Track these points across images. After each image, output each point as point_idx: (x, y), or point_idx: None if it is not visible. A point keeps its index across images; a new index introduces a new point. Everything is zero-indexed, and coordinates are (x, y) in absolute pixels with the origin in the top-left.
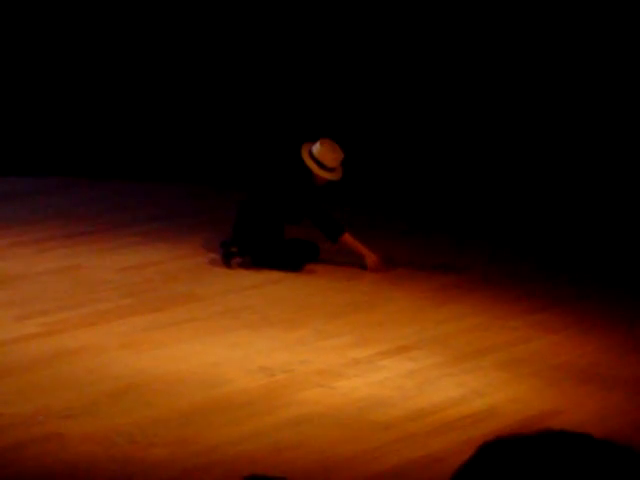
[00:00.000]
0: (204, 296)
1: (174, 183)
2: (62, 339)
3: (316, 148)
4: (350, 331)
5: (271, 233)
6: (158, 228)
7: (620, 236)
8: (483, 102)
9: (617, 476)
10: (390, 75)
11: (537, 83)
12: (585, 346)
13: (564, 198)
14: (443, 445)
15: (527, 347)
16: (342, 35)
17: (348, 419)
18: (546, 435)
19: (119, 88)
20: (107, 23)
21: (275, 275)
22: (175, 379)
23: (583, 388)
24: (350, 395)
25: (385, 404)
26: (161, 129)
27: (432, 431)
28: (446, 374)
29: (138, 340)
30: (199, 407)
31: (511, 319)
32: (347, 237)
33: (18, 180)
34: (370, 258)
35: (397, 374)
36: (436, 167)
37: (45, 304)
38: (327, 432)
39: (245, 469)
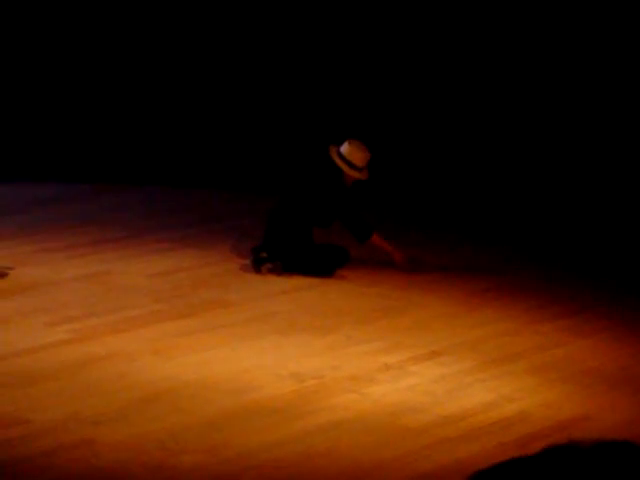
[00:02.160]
0: (234, 302)
1: (204, 189)
2: (92, 345)
3: (345, 148)
4: (381, 337)
5: (301, 238)
6: (188, 234)
7: None
8: (497, 107)
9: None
10: (405, 79)
11: (540, 84)
12: (615, 351)
13: (594, 204)
14: (474, 450)
15: (557, 352)
16: (363, 41)
17: (379, 425)
18: (598, 445)
19: (149, 96)
20: (123, 32)
21: (305, 281)
22: (205, 385)
23: (613, 393)
24: (381, 401)
25: (416, 410)
26: (191, 135)
27: (463, 436)
28: (476, 379)
29: (168, 346)
30: (229, 413)
31: (541, 324)
32: (375, 238)
33: (48, 186)
34: (397, 256)
35: (428, 379)
36: (462, 171)
37: (74, 310)
38: (357, 438)
39: (275, 476)
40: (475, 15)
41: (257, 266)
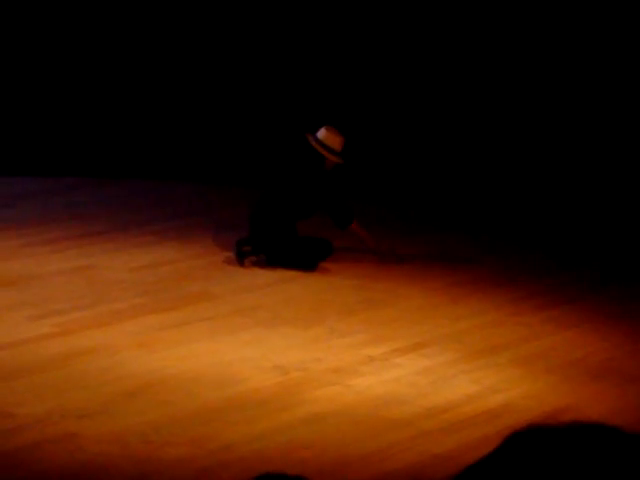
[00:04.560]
0: (218, 295)
1: (187, 182)
2: (76, 339)
3: (323, 134)
4: (364, 329)
5: (285, 231)
6: (171, 227)
7: (635, 231)
8: (494, 97)
9: None
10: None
11: (542, 77)
12: (599, 342)
13: (578, 194)
14: (458, 442)
15: (541, 343)
16: (343, 34)
17: (363, 417)
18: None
19: (130, 89)
20: (115, 25)
21: (289, 274)
22: (189, 378)
23: (598, 384)
24: (365, 393)
25: (400, 401)
26: (173, 129)
27: (447, 428)
28: (461, 371)
29: (152, 339)
30: (213, 406)
31: (525, 316)
32: (355, 226)
33: (31, 180)
34: (373, 243)
35: (412, 371)
36: (446, 162)
37: (59, 304)
38: (342, 430)
39: (260, 468)
40: (470, 5)
41: (240, 259)
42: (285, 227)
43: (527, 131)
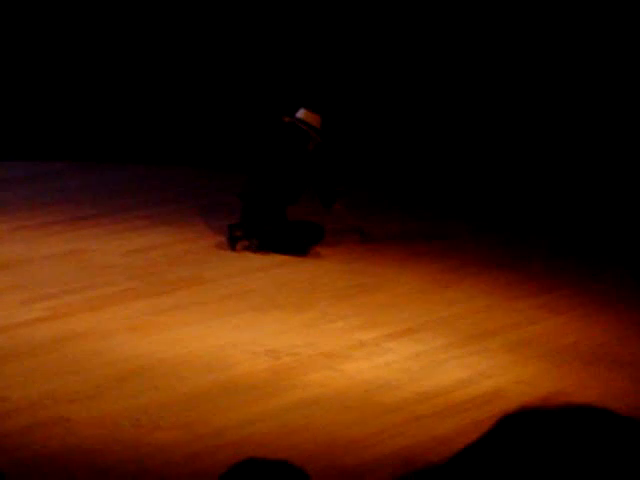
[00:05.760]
0: (209, 279)
1: (178, 166)
2: (67, 323)
3: (303, 115)
4: (356, 313)
5: (275, 215)
6: (163, 212)
7: (627, 217)
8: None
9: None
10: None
11: (541, 70)
12: (591, 328)
13: (571, 180)
14: (450, 427)
15: (533, 329)
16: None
17: (354, 401)
18: (568, 409)
19: (124, 73)
20: (110, 11)
21: (281, 258)
22: (181, 362)
23: (589, 369)
24: (356, 377)
25: (391, 386)
26: (165, 114)
27: (438, 413)
28: (452, 356)
29: (143, 324)
30: (205, 390)
31: (517, 301)
32: (338, 206)
33: (23, 164)
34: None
35: (403, 356)
36: (444, 149)
37: (50, 288)
38: (333, 415)
39: (251, 452)
40: None
41: (232, 244)
42: (276, 211)
43: (522, 116)
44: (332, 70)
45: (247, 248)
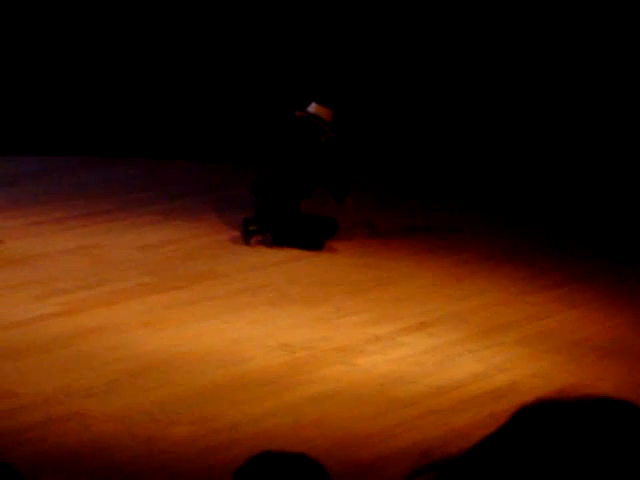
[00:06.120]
0: (224, 274)
1: (193, 161)
2: (82, 318)
3: (315, 109)
4: (370, 308)
5: (290, 210)
6: (178, 206)
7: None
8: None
9: None
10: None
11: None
12: (605, 321)
13: (587, 173)
14: (465, 421)
15: (547, 323)
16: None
17: (369, 396)
18: (586, 400)
19: (139, 68)
20: (119, 9)
21: (295, 252)
22: (195, 357)
23: (603, 363)
24: (371, 372)
25: (406, 381)
26: (180, 108)
27: (453, 407)
28: (467, 350)
29: (158, 318)
30: (220, 385)
31: (531, 295)
32: (349, 200)
33: (37, 159)
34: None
35: (418, 350)
36: (458, 143)
37: (65, 283)
38: (348, 409)
39: (266, 446)
40: None
41: (247, 238)
42: (290, 206)
43: (536, 109)
44: (343, 64)
45: (261, 243)
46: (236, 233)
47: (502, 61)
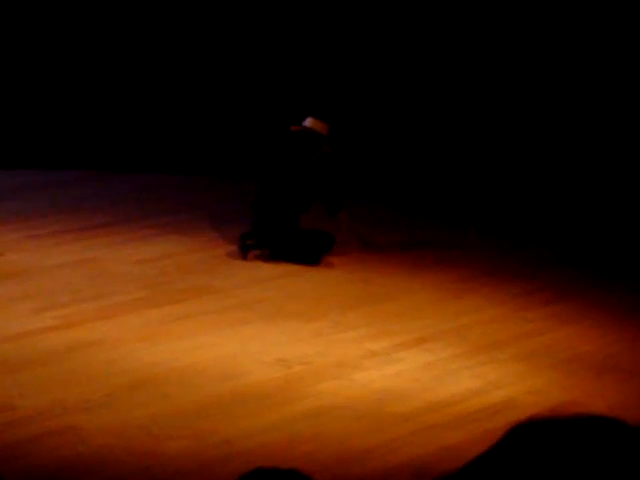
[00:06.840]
0: (221, 288)
1: (190, 175)
2: (78, 332)
3: (311, 123)
4: (367, 323)
5: (287, 224)
6: (174, 220)
7: (636, 226)
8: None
9: None
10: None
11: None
12: (602, 338)
13: (580, 189)
14: (461, 437)
15: (544, 339)
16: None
17: (365, 411)
18: (578, 419)
19: (136, 83)
20: (119, 20)
21: (292, 267)
22: (192, 371)
23: (601, 380)
24: (367, 387)
25: (402, 396)
26: (177, 122)
27: (450, 423)
28: (463, 366)
29: (154, 332)
30: (216, 400)
31: (528, 311)
32: (343, 215)
33: (34, 173)
34: (345, 238)
35: (414, 366)
36: (450, 158)
37: (61, 297)
38: (344, 424)
39: (262, 461)
40: None
41: (244, 252)
42: (288, 220)
43: (529, 124)
44: (338, 79)
45: (259, 257)
46: (233, 248)
47: (493, 81)
